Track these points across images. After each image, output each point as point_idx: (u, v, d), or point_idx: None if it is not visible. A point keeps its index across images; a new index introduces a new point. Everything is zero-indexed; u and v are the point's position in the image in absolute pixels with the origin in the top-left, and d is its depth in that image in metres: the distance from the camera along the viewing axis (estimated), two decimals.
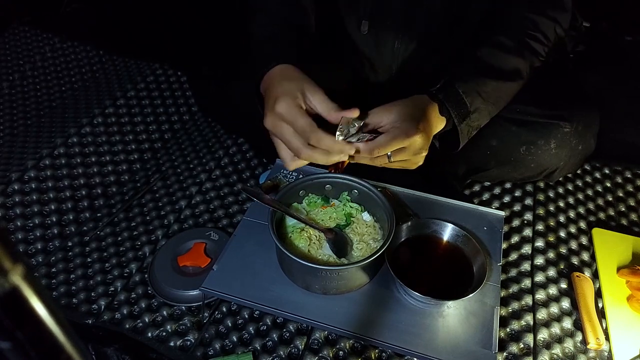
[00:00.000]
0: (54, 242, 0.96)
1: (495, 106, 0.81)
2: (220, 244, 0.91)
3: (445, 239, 0.82)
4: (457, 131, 0.79)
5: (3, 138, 1.22)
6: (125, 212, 1.03)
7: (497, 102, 0.81)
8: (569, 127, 0.89)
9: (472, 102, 0.77)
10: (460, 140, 0.80)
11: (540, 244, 0.95)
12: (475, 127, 0.81)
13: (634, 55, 1.46)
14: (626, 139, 1.22)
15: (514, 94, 0.83)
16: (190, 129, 1.27)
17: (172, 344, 0.79)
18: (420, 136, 0.69)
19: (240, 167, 1.13)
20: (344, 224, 0.82)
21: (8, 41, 1.57)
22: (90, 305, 0.84)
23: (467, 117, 0.78)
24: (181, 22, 1.70)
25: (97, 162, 1.13)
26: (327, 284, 0.75)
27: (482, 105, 0.78)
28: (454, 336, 0.72)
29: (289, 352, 0.77)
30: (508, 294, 0.86)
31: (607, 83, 1.38)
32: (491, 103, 0.80)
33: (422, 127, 0.70)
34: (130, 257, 0.93)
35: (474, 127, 0.80)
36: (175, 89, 1.37)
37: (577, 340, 0.80)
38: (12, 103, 1.34)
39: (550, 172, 0.94)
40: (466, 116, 0.77)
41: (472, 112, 0.77)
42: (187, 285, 0.84)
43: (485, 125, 0.83)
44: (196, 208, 1.03)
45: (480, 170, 1.00)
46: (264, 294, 0.77)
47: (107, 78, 1.41)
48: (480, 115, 0.79)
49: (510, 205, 1.04)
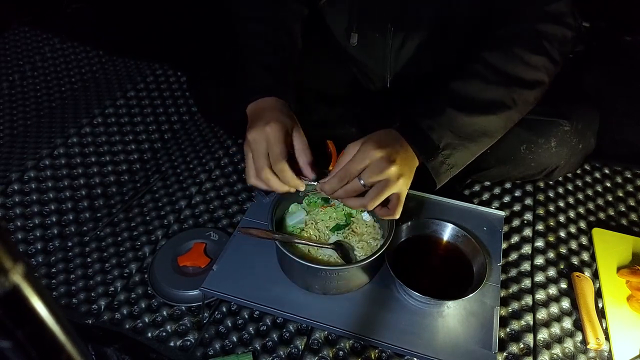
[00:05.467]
0: (54, 242, 0.96)
1: (476, 142, 0.75)
2: (220, 244, 0.91)
3: (445, 239, 0.82)
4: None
5: (3, 138, 1.22)
6: (125, 212, 1.02)
7: (476, 138, 0.74)
8: (569, 125, 0.89)
9: (440, 137, 0.71)
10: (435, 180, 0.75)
11: (540, 244, 0.95)
12: (453, 165, 0.75)
13: (634, 55, 1.46)
14: (626, 139, 1.23)
15: (501, 126, 0.76)
16: (190, 129, 1.27)
17: (172, 344, 0.79)
18: (377, 151, 0.65)
19: (240, 167, 1.13)
20: (344, 224, 0.82)
21: (8, 41, 1.57)
22: (90, 305, 0.84)
23: (435, 153, 0.72)
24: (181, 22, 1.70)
25: (97, 162, 1.13)
26: (327, 284, 0.75)
27: (456, 141, 0.72)
28: (453, 336, 0.72)
29: (289, 352, 0.77)
30: (508, 294, 0.86)
31: (607, 83, 1.38)
32: (465, 138, 0.73)
33: (382, 145, 0.67)
34: (130, 257, 0.93)
35: (449, 164, 0.74)
36: (175, 89, 1.37)
37: (577, 340, 0.80)
38: (12, 103, 1.34)
39: (551, 171, 0.94)
40: (434, 153, 0.72)
41: (442, 149, 0.72)
42: (187, 285, 0.84)
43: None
44: (196, 208, 1.03)
45: (480, 170, 1.00)
46: (264, 294, 0.77)
47: (107, 78, 1.41)
48: (455, 151, 0.73)
49: (510, 205, 1.04)
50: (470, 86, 0.74)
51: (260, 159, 0.69)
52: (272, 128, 0.69)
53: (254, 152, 0.70)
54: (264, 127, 0.69)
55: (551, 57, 0.76)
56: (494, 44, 0.77)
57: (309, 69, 0.96)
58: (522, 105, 0.76)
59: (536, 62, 0.75)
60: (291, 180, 0.70)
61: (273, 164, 0.69)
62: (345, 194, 0.69)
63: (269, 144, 0.69)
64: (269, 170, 0.69)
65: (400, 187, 0.68)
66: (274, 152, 0.69)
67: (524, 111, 0.78)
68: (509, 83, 0.74)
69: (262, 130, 0.69)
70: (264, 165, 0.69)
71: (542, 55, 0.75)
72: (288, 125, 0.72)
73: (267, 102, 0.77)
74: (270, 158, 0.69)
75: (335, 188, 0.69)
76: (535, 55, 0.75)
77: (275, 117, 0.71)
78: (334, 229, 0.81)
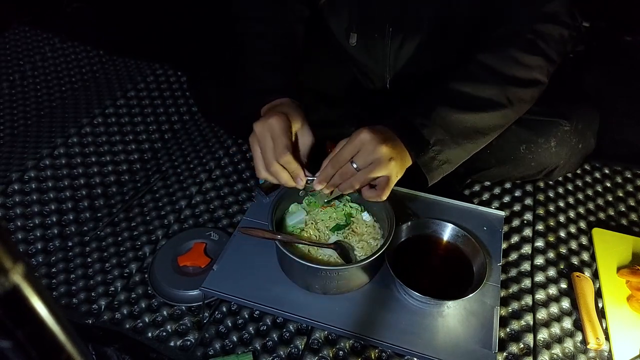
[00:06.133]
0: (54, 242, 0.96)
1: (469, 140, 0.75)
2: (220, 244, 0.91)
3: (445, 239, 0.82)
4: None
5: (3, 138, 1.22)
6: (125, 212, 1.03)
7: (468, 135, 0.74)
8: (568, 125, 0.89)
9: (430, 133, 0.72)
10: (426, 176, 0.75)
11: (540, 244, 0.95)
12: (445, 161, 0.75)
13: (634, 55, 1.46)
14: (626, 139, 1.23)
15: (495, 124, 0.76)
16: (190, 129, 1.27)
17: (172, 344, 0.79)
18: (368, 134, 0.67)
19: (240, 167, 1.13)
20: (344, 224, 0.82)
21: (8, 41, 1.57)
22: (90, 305, 0.84)
23: (425, 149, 0.72)
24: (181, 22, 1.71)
25: (97, 162, 1.13)
26: (327, 284, 0.75)
27: (446, 137, 0.73)
28: (454, 336, 0.72)
29: (289, 352, 0.77)
30: (508, 294, 0.86)
31: (607, 83, 1.38)
32: (457, 135, 0.73)
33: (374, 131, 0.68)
34: (130, 257, 0.93)
35: (440, 160, 0.74)
36: (175, 89, 1.37)
37: (577, 340, 0.80)
38: (12, 103, 1.34)
39: (550, 171, 0.94)
40: (424, 148, 0.72)
41: (432, 145, 0.72)
42: (187, 285, 0.84)
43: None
44: (196, 208, 1.03)
45: (480, 170, 1.00)
46: (264, 294, 0.77)
47: (107, 78, 1.41)
48: (445, 147, 0.73)
49: (510, 205, 1.04)
50: (464, 85, 0.75)
51: (269, 152, 0.70)
52: (276, 120, 0.70)
53: (261, 144, 0.71)
54: (268, 119, 0.71)
55: (547, 56, 0.76)
56: (489, 45, 0.78)
57: (309, 69, 0.96)
58: (517, 104, 0.76)
59: (531, 62, 0.75)
60: (298, 172, 0.71)
61: (278, 157, 0.70)
62: (340, 178, 0.70)
63: (274, 136, 0.70)
64: (278, 163, 0.70)
65: (390, 169, 0.68)
66: (278, 145, 0.70)
67: (520, 110, 0.78)
68: (503, 82, 0.75)
69: (266, 122, 0.71)
70: (272, 159, 0.70)
71: (537, 55, 0.75)
72: (296, 120, 0.73)
73: (279, 102, 0.79)
74: (275, 150, 0.70)
75: (330, 174, 0.70)
76: (530, 55, 0.75)
77: (284, 112, 0.73)
78: (334, 229, 0.81)
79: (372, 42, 0.91)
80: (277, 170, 0.70)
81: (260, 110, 0.81)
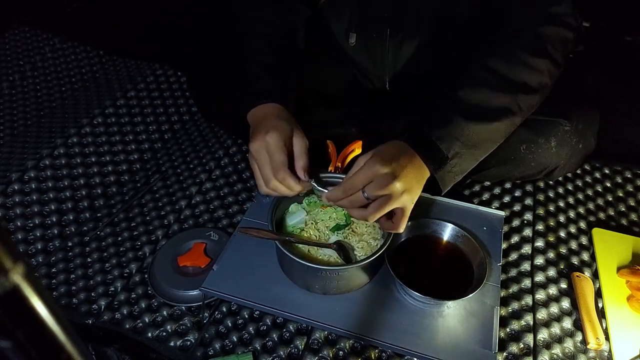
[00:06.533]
0: (54, 242, 0.96)
1: (480, 149, 0.75)
2: (220, 244, 0.91)
3: (445, 239, 0.82)
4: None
5: (3, 138, 1.22)
6: (125, 212, 1.02)
7: (481, 145, 0.75)
8: (569, 125, 0.89)
9: (448, 147, 0.72)
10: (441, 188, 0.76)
11: (540, 244, 0.95)
12: (459, 172, 0.75)
13: (634, 55, 1.46)
14: (626, 139, 1.23)
15: (505, 132, 0.76)
16: (190, 129, 1.27)
17: (172, 344, 0.79)
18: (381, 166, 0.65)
19: (240, 167, 1.13)
20: (344, 223, 0.82)
21: (8, 41, 1.57)
22: (90, 305, 0.84)
23: (444, 163, 0.72)
24: (181, 22, 1.71)
25: (97, 162, 1.13)
26: (327, 284, 0.75)
27: (463, 149, 0.73)
28: (454, 336, 0.72)
29: (289, 352, 0.77)
30: (508, 294, 0.86)
31: (607, 83, 1.38)
32: (473, 146, 0.74)
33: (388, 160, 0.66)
34: (130, 257, 0.93)
35: (455, 172, 0.75)
36: (175, 89, 1.37)
37: (577, 340, 0.80)
38: (12, 103, 1.34)
39: (551, 171, 0.94)
40: (443, 163, 0.72)
41: (450, 159, 0.72)
42: (187, 285, 0.84)
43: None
44: (196, 208, 1.03)
45: (480, 170, 1.00)
46: (264, 294, 0.77)
47: (107, 78, 1.41)
48: (462, 159, 0.74)
49: (510, 205, 1.04)
50: (478, 94, 0.74)
51: (266, 169, 0.72)
52: (271, 137, 0.71)
53: (258, 163, 0.73)
54: (264, 137, 0.72)
55: (554, 59, 0.76)
56: (496, 48, 0.77)
57: (309, 69, 0.96)
58: (526, 111, 0.76)
59: (539, 66, 0.75)
60: (294, 187, 0.73)
61: (275, 173, 0.72)
62: (349, 204, 0.70)
63: (270, 153, 0.72)
64: (274, 179, 0.72)
65: (403, 202, 0.68)
66: (275, 162, 0.72)
67: (526, 115, 0.78)
68: (514, 89, 0.74)
69: (262, 140, 0.72)
70: (270, 176, 0.72)
71: (544, 58, 0.75)
72: (287, 130, 0.74)
73: (266, 108, 0.80)
74: (272, 167, 0.72)
75: (340, 198, 0.70)
76: (538, 59, 0.75)
77: (274, 125, 0.73)
78: (334, 229, 0.81)
79: (371, 42, 0.91)
80: (275, 185, 0.72)
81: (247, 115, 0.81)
